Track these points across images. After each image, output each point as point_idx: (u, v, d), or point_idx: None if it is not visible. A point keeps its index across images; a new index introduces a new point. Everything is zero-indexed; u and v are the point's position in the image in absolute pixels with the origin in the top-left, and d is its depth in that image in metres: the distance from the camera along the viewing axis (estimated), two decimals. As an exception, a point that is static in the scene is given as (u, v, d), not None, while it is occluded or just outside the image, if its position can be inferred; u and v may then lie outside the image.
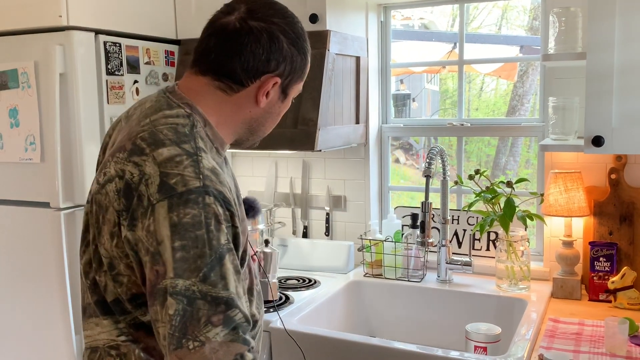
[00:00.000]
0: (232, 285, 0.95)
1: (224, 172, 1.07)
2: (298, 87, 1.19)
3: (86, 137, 1.95)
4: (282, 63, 1.12)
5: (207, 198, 0.96)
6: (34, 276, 2.02)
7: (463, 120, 2.43)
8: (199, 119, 1.09)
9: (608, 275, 1.98)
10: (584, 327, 1.77)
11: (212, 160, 1.04)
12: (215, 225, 0.96)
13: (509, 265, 2.08)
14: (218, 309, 0.92)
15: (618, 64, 1.70)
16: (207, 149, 1.06)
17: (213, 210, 0.96)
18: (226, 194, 1.00)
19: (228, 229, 0.98)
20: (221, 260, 0.95)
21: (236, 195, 1.10)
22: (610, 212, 2.04)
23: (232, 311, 0.94)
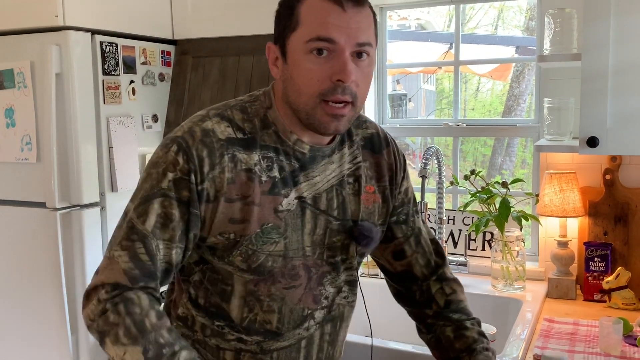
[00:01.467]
0: (150, 223, 1.02)
1: (247, 150, 1.08)
2: (298, 40, 1.05)
3: (82, 137, 1.95)
4: (275, 28, 1.11)
5: (174, 147, 1.04)
6: (30, 276, 2.02)
7: (459, 121, 2.44)
8: (265, 100, 1.13)
9: (603, 275, 1.99)
10: (578, 327, 1.77)
11: (219, 126, 1.07)
12: (164, 170, 1.04)
13: (504, 266, 2.09)
14: (130, 237, 1.03)
15: (613, 65, 1.71)
16: (243, 121, 1.10)
17: (171, 157, 1.04)
18: (195, 151, 1.04)
19: (180, 179, 1.03)
20: (151, 198, 1.03)
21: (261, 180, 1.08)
22: (605, 212, 2.05)
23: (139, 245, 1.02)
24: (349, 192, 1.19)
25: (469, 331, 1.26)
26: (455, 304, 1.30)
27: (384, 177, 1.25)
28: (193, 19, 2.26)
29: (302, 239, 1.13)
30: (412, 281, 1.33)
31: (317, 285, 1.16)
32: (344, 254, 1.19)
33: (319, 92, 1.04)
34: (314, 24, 1.03)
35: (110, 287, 1.00)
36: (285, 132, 1.11)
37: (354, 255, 1.21)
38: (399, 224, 1.30)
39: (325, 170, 1.15)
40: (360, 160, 1.22)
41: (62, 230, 1.93)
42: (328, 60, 1.03)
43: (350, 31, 1.03)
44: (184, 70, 2.27)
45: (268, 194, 1.08)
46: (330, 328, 1.22)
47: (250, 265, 1.09)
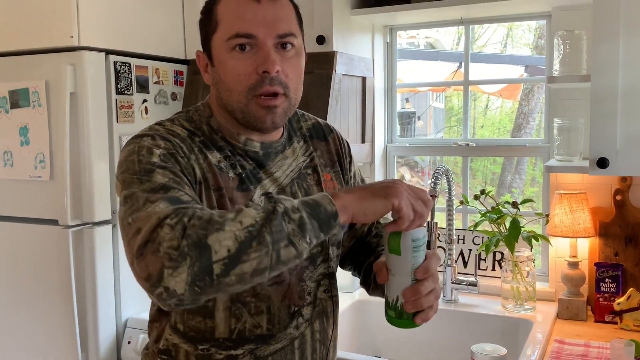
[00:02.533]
0: (164, 180, 0.96)
1: (209, 149, 1.08)
2: (219, 40, 1.07)
3: (95, 156, 1.97)
4: (200, 33, 1.13)
5: (144, 138, 1.04)
6: (41, 293, 2.03)
7: (468, 140, 2.45)
8: (205, 110, 1.15)
9: (614, 296, 1.98)
10: (589, 348, 1.76)
11: (176, 128, 1.08)
12: (148, 150, 1.01)
13: (515, 286, 2.08)
14: (157, 194, 0.93)
15: (622, 86, 1.71)
16: (193, 128, 1.10)
17: (147, 143, 1.02)
18: (169, 137, 1.04)
19: (167, 154, 1.01)
20: (150, 172, 0.97)
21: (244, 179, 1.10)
22: (615, 233, 2.04)
23: (173, 191, 0.94)
24: (311, 183, 1.21)
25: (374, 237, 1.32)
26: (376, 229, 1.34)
27: (335, 163, 1.27)
28: (205, 39, 2.29)
29: None
30: (357, 247, 1.36)
31: (298, 281, 1.16)
32: (319, 246, 1.19)
33: (247, 87, 1.06)
34: (231, 21, 1.05)
35: (173, 214, 0.88)
36: (232, 135, 1.12)
37: (328, 246, 1.21)
38: None
39: (282, 166, 1.17)
40: (312, 150, 1.24)
41: (74, 248, 1.94)
42: (252, 55, 1.05)
43: (268, 23, 1.04)
44: (196, 89, 2.30)
45: (237, 190, 1.09)
46: (319, 326, 1.21)
47: None
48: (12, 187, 2.07)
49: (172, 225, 0.86)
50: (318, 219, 0.91)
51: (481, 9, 2.19)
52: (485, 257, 2.33)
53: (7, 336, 2.13)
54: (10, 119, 2.05)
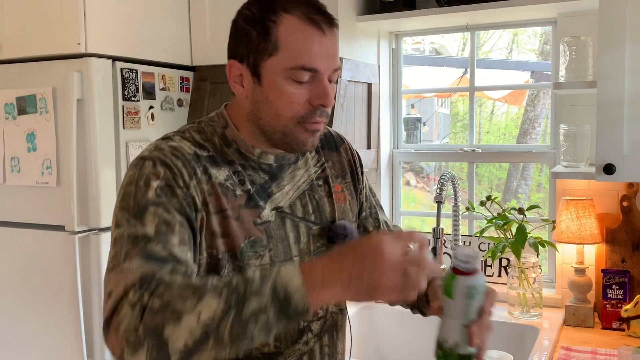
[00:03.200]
0: (150, 229, 0.95)
1: (216, 166, 1.05)
2: (277, 65, 1.02)
3: (102, 162, 1.98)
4: (238, 45, 1.06)
5: (147, 162, 1.01)
6: (47, 299, 2.04)
7: (474, 146, 2.44)
8: (219, 121, 1.12)
9: (621, 303, 1.97)
10: (597, 355, 1.75)
11: (183, 144, 1.05)
12: (145, 181, 0.99)
13: (521, 292, 2.08)
14: (138, 245, 0.94)
15: (629, 93, 1.71)
16: (203, 140, 1.07)
17: (149, 170, 1.00)
18: (171, 162, 1.01)
19: (166, 186, 0.99)
20: (141, 213, 0.96)
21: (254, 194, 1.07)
22: (622, 239, 2.03)
23: (152, 244, 0.94)
24: (322, 194, 1.19)
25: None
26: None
27: (347, 174, 1.26)
28: (211, 47, 2.29)
29: (289, 249, 1.12)
30: None
31: None
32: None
33: (299, 116, 1.04)
34: (297, 51, 1.01)
35: (138, 284, 0.89)
36: (247, 147, 1.10)
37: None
38: (367, 218, 1.31)
39: (294, 177, 1.15)
40: (324, 161, 1.22)
41: (80, 254, 1.94)
42: (308, 86, 1.03)
43: (329, 57, 1.04)
44: (202, 96, 2.31)
45: (245, 208, 1.07)
46: (328, 339, 1.20)
47: None
48: (19, 193, 2.08)
49: (133, 304, 0.87)
50: (286, 316, 0.86)
51: (486, 15, 2.19)
52: (491, 263, 2.32)
53: (13, 341, 2.14)
54: (18, 125, 2.06)
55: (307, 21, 1.02)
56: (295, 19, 1.02)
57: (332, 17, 1.06)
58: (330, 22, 1.05)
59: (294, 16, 1.02)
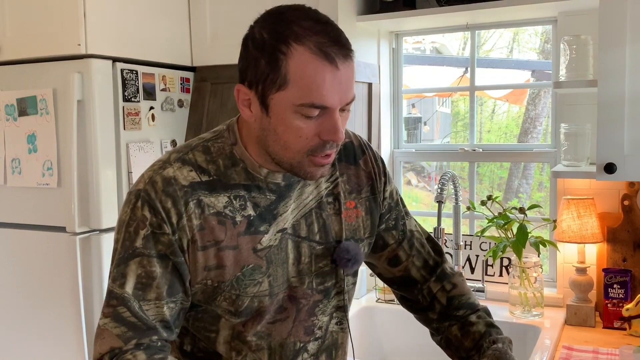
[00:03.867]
0: (129, 286, 1.00)
1: (215, 192, 1.03)
2: (286, 100, 0.96)
3: (103, 163, 1.98)
4: (247, 70, 1.00)
5: (138, 202, 1.02)
6: (49, 300, 2.04)
7: (475, 146, 2.44)
8: (229, 137, 1.08)
9: (622, 302, 1.96)
10: (598, 355, 1.75)
11: (180, 172, 1.03)
12: (135, 228, 1.01)
13: (522, 292, 2.08)
14: (110, 303, 1.01)
15: (629, 92, 1.71)
16: (207, 162, 1.05)
17: (139, 214, 1.01)
18: (159, 204, 1.00)
19: (152, 235, 1.00)
20: (127, 260, 1.01)
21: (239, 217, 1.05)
22: (623, 238, 2.03)
23: (121, 309, 1.00)
24: (330, 212, 1.14)
25: (475, 326, 1.20)
26: (457, 299, 1.24)
27: (364, 188, 1.19)
28: (212, 47, 2.30)
29: (286, 270, 1.09)
30: (413, 285, 1.27)
31: (308, 316, 1.13)
32: (334, 278, 1.15)
33: (307, 149, 1.00)
34: (307, 88, 0.95)
35: (108, 356, 0.99)
36: (254, 167, 1.06)
37: (343, 278, 1.16)
38: (389, 230, 1.24)
39: (302, 195, 1.11)
40: (337, 176, 1.16)
41: (82, 255, 1.95)
42: (317, 119, 0.98)
43: (341, 92, 0.97)
44: (203, 96, 2.31)
45: (245, 235, 1.04)
46: (325, 358, 1.18)
47: (237, 309, 1.06)
48: (20, 194, 2.09)
49: None
50: None
51: (487, 15, 2.19)
52: (492, 263, 2.32)
53: (15, 342, 2.14)
54: (19, 126, 2.06)
55: (320, 55, 0.95)
56: (307, 52, 0.94)
57: (348, 47, 0.99)
58: (346, 54, 0.98)
59: (306, 48, 0.94)
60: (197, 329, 1.11)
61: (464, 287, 1.27)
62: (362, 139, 1.25)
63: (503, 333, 1.20)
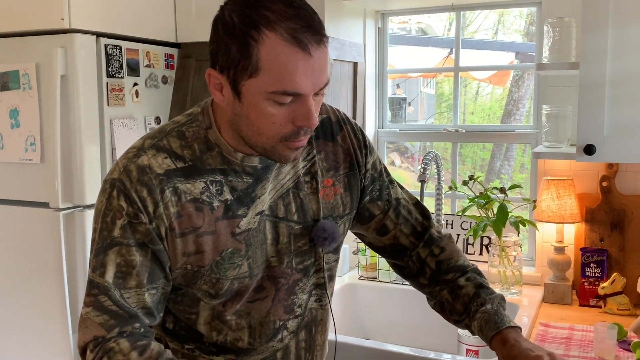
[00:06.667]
0: (109, 275, 1.01)
1: (191, 179, 1.03)
2: (258, 87, 0.95)
3: (86, 139, 1.97)
4: (218, 54, 0.98)
5: (113, 192, 1.01)
6: (32, 275, 2.04)
7: (458, 126, 2.46)
8: (203, 120, 1.06)
9: (598, 281, 2.01)
10: (574, 331, 1.80)
11: (155, 160, 1.02)
12: (112, 218, 1.01)
13: (502, 270, 2.12)
14: (91, 292, 1.02)
15: (610, 74, 1.73)
16: (182, 148, 1.04)
17: (115, 204, 1.01)
18: (135, 193, 1.00)
19: (129, 224, 1.00)
20: (106, 250, 1.01)
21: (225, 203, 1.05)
22: (601, 219, 2.08)
23: (102, 298, 1.00)
24: (307, 192, 1.13)
25: (464, 289, 1.20)
26: (446, 263, 1.24)
27: (342, 165, 1.18)
28: (197, 23, 2.28)
29: (265, 251, 1.10)
30: (403, 252, 1.27)
31: (288, 295, 1.14)
32: (313, 257, 1.16)
33: (281, 136, 0.99)
34: (279, 75, 0.93)
35: (92, 345, 1.00)
36: (229, 152, 1.05)
37: (322, 256, 1.17)
38: (373, 201, 1.24)
39: (279, 175, 1.10)
40: (315, 154, 1.15)
41: (65, 230, 1.94)
42: (290, 106, 0.97)
43: (314, 78, 0.95)
44: (187, 73, 2.30)
45: (223, 219, 1.04)
46: (305, 335, 1.19)
47: (217, 291, 1.07)
48: (3, 169, 2.07)
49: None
50: None
51: (472, -4, 2.19)
52: (473, 241, 2.36)
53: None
54: (1, 101, 2.04)
55: (292, 42, 0.92)
56: (279, 39, 0.92)
57: (321, 32, 0.96)
58: (319, 39, 0.95)
59: (277, 35, 0.92)
60: (177, 311, 1.12)
61: (453, 250, 1.27)
62: (341, 113, 1.23)
63: (494, 291, 1.20)
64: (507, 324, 1.11)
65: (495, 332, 1.11)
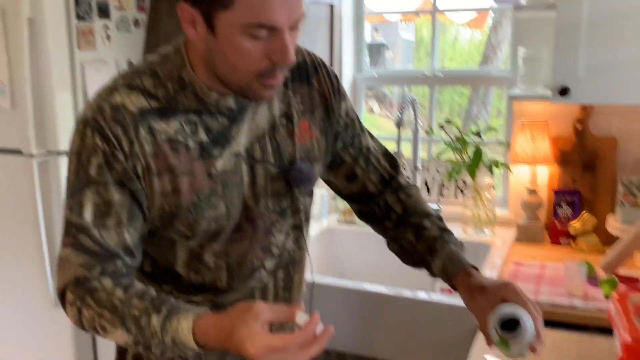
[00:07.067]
0: (88, 215, 0.99)
1: (165, 118, 1.02)
2: (232, 20, 0.93)
3: (57, 83, 1.93)
4: None
5: (87, 131, 0.99)
6: (7, 223, 2.03)
7: (436, 71, 2.46)
8: (176, 59, 1.04)
9: (570, 220, 2.06)
10: (544, 269, 1.85)
11: (129, 98, 1.00)
12: (87, 157, 0.99)
13: (475, 212, 2.16)
14: (70, 232, 1.01)
15: (587, 16, 1.73)
16: (155, 87, 1.02)
17: (90, 142, 0.99)
18: (109, 132, 0.98)
19: (105, 163, 0.99)
20: (83, 189, 1.00)
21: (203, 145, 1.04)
22: (574, 160, 2.11)
23: (82, 237, 0.99)
24: (284, 134, 1.13)
25: (428, 230, 1.22)
26: (412, 208, 1.26)
27: (317, 108, 1.18)
28: (168, -37, 2.21)
29: (242, 193, 1.10)
30: (370, 198, 1.30)
31: (265, 235, 1.15)
32: (289, 199, 1.16)
33: (257, 72, 0.97)
34: (253, 7, 0.91)
35: (73, 286, 0.99)
36: (204, 91, 1.03)
37: (299, 198, 1.18)
38: (345, 147, 1.24)
39: (255, 117, 1.09)
40: (290, 96, 1.14)
41: (40, 177, 1.93)
42: (266, 40, 0.95)
43: (289, 10, 0.93)
44: (159, 16, 2.24)
45: (198, 160, 1.04)
46: (283, 274, 1.20)
47: (194, 233, 1.07)
48: (-28, 116, 2.03)
49: (71, 303, 1.00)
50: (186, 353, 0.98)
51: None
52: (448, 185, 2.39)
53: (-25, 266, 2.14)
54: (-34, 45, 1.98)
55: None
56: None
57: None
58: None
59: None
60: (155, 253, 1.12)
61: (419, 197, 1.30)
62: (316, 56, 1.21)
63: (456, 238, 1.22)
64: (471, 265, 1.15)
65: (459, 269, 1.14)
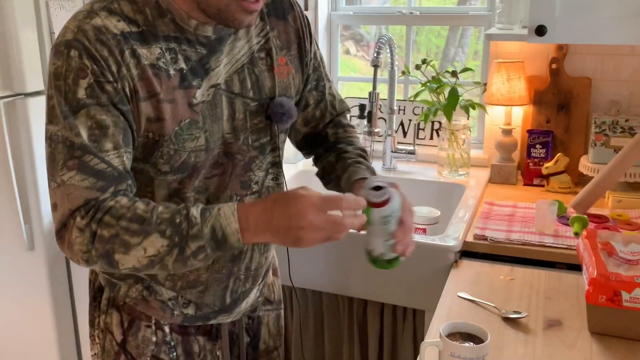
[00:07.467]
0: (84, 134, 0.96)
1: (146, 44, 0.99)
2: None
3: (21, 22, 1.85)
4: None
5: (72, 51, 0.96)
6: (-24, 167, 1.99)
7: (412, 9, 2.41)
8: None
9: (543, 161, 2.09)
10: (517, 209, 1.88)
11: (109, 21, 0.98)
12: (74, 79, 0.96)
13: (450, 153, 2.17)
14: (74, 154, 0.96)
15: (565, -48, 1.70)
16: (133, 12, 1.00)
17: (76, 63, 0.95)
18: (96, 52, 0.95)
19: (96, 83, 0.96)
20: (74, 113, 0.96)
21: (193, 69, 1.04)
22: (548, 100, 2.12)
23: (88, 157, 0.96)
24: (263, 68, 1.13)
25: (349, 154, 1.27)
26: (342, 137, 1.32)
27: (293, 45, 1.18)
28: None
29: (221, 127, 1.10)
30: (315, 136, 1.34)
31: (244, 171, 1.15)
32: (269, 135, 1.17)
33: None
34: None
35: (84, 210, 0.95)
36: (182, 18, 1.02)
37: (277, 134, 1.18)
38: (311, 90, 1.27)
39: (233, 50, 1.09)
40: (268, 30, 1.14)
41: (7, 120, 1.87)
42: None
43: None
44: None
45: (179, 89, 1.02)
46: None
47: (173, 165, 1.06)
48: None
49: (81, 229, 0.95)
50: (222, 251, 0.98)
51: None
52: (424, 126, 2.39)
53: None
54: None
55: None
56: None
57: None
58: None
59: None
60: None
61: (354, 135, 1.35)
62: None
63: (369, 163, 1.28)
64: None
65: (360, 179, 1.17)
